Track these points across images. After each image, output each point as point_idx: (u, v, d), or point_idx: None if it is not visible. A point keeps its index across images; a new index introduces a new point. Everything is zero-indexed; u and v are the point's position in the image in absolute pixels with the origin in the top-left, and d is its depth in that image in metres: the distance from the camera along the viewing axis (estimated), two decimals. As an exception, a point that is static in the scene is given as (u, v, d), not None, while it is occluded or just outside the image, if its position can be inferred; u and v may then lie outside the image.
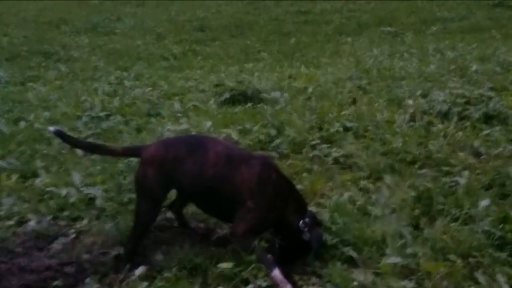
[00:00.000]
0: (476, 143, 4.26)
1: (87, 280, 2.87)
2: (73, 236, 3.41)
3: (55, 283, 2.91)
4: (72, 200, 3.78)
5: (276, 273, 2.69)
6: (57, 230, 3.50)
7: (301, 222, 2.87)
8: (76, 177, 4.04)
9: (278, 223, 2.92)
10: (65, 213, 3.67)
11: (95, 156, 4.65)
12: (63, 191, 3.87)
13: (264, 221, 2.87)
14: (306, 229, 2.85)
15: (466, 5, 14.05)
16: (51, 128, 3.18)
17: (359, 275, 2.69)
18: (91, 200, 3.82)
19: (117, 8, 17.44)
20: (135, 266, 2.91)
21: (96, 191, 3.84)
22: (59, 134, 3.17)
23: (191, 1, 19.15)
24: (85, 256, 3.17)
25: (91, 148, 3.46)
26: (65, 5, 18.55)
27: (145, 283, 2.72)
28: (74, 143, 3.37)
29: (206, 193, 2.91)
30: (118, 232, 3.35)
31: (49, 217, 3.60)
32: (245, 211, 2.81)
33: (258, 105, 5.89)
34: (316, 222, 2.95)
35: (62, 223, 3.59)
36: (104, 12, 16.62)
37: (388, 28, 11.70)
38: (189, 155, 2.89)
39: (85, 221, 3.54)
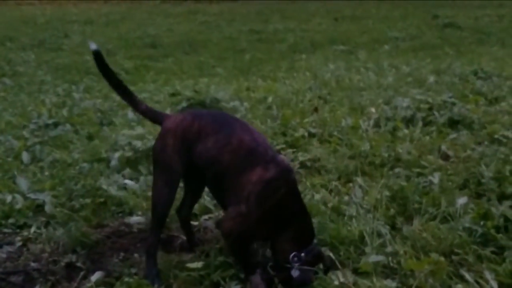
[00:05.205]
0: (444, 147, 4.18)
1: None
2: (19, 244, 3.09)
3: (0, 293, 2.60)
4: (18, 206, 3.44)
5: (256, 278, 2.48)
6: (1, 238, 3.17)
7: (293, 253, 2.45)
8: (22, 183, 3.70)
9: (271, 245, 2.54)
10: (10, 221, 3.32)
11: (43, 163, 4.35)
12: (8, 198, 3.52)
13: (253, 231, 2.46)
14: (297, 264, 2.43)
15: (416, 26, 14.38)
16: (93, 45, 2.65)
17: (339, 275, 2.48)
18: (39, 207, 3.49)
19: (64, 27, 16.92)
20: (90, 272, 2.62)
21: (44, 197, 3.52)
22: (97, 55, 2.67)
23: (141, 20, 18.89)
24: (33, 265, 2.86)
25: (120, 88, 2.77)
26: (10, 24, 17.90)
27: (103, 289, 2.43)
28: (107, 72, 2.72)
29: (217, 178, 2.54)
30: (70, 239, 3.04)
31: (-9, 225, 3.26)
32: (236, 212, 2.43)
33: (217, 114, 5.66)
34: (316, 262, 2.49)
35: (7, 230, 3.25)
36: (51, 30, 16.10)
37: (341, 47, 11.75)
38: (214, 132, 2.54)
39: (33, 229, 3.22)
